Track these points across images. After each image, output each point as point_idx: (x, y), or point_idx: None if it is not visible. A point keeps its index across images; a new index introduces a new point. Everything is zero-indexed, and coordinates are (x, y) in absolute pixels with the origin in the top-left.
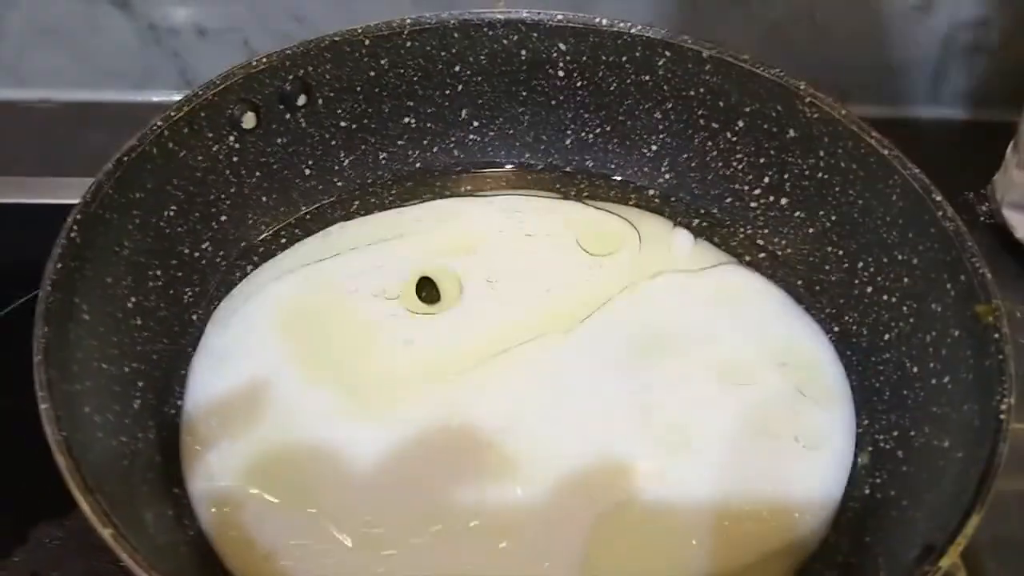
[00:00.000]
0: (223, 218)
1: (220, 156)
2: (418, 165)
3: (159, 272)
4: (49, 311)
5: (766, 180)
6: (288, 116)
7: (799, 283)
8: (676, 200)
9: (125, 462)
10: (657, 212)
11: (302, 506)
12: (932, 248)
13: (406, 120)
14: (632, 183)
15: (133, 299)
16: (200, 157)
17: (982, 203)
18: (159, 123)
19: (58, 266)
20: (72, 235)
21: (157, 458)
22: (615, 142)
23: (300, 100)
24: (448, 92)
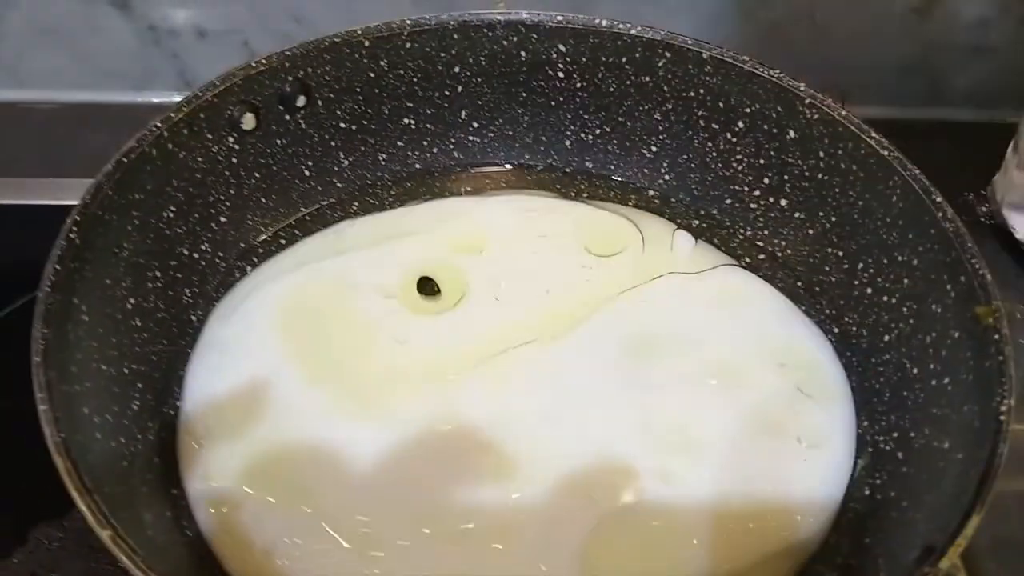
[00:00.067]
0: (222, 219)
1: (219, 157)
2: (418, 166)
3: (158, 273)
4: (48, 312)
5: (766, 181)
6: (288, 117)
7: (799, 284)
8: (676, 201)
9: (124, 463)
10: (657, 213)
11: (301, 507)
12: (932, 249)
13: (406, 121)
14: (632, 184)
15: (132, 300)
16: (199, 158)
17: (982, 204)
18: (158, 124)
19: (57, 267)
20: (71, 236)
21: (156, 459)
22: (615, 143)
23: (300, 101)
24: (448, 93)
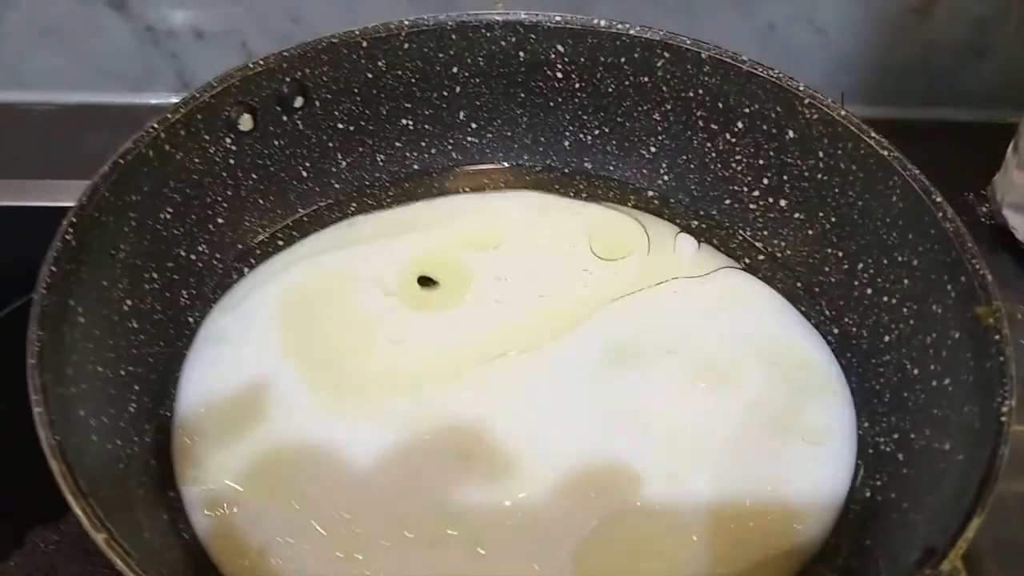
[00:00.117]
0: (220, 221)
1: (217, 159)
2: (416, 167)
3: (155, 275)
4: (44, 314)
5: (765, 181)
6: (285, 118)
7: (798, 285)
8: (675, 202)
9: (120, 466)
10: (656, 214)
11: (298, 509)
12: (932, 249)
13: (404, 122)
14: (631, 185)
15: (129, 302)
16: (197, 160)
17: (982, 204)
18: (155, 126)
19: (53, 269)
20: (67, 238)
21: (152, 462)
22: (613, 143)
23: (297, 102)
24: (446, 94)
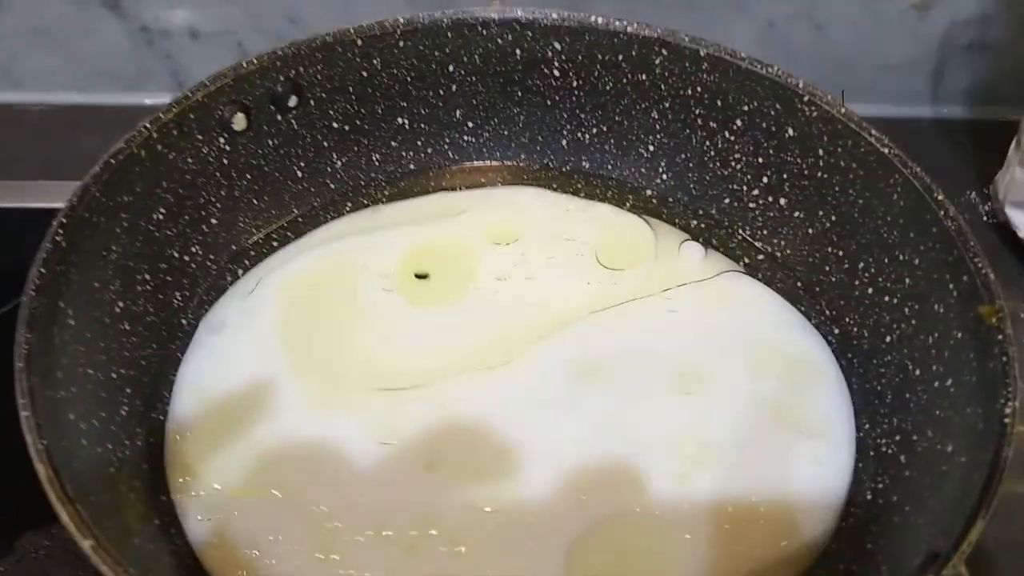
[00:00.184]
0: (213, 221)
1: (210, 158)
2: (412, 166)
3: (148, 276)
4: (33, 316)
5: (765, 180)
6: (279, 118)
7: (799, 285)
8: (674, 201)
9: (111, 470)
10: (655, 214)
11: (292, 513)
12: (934, 248)
13: (400, 121)
14: (629, 184)
15: (121, 304)
16: (190, 159)
17: (985, 202)
18: (147, 126)
19: (42, 271)
20: (57, 239)
21: (144, 465)
22: (612, 142)
23: (291, 101)
24: (442, 92)
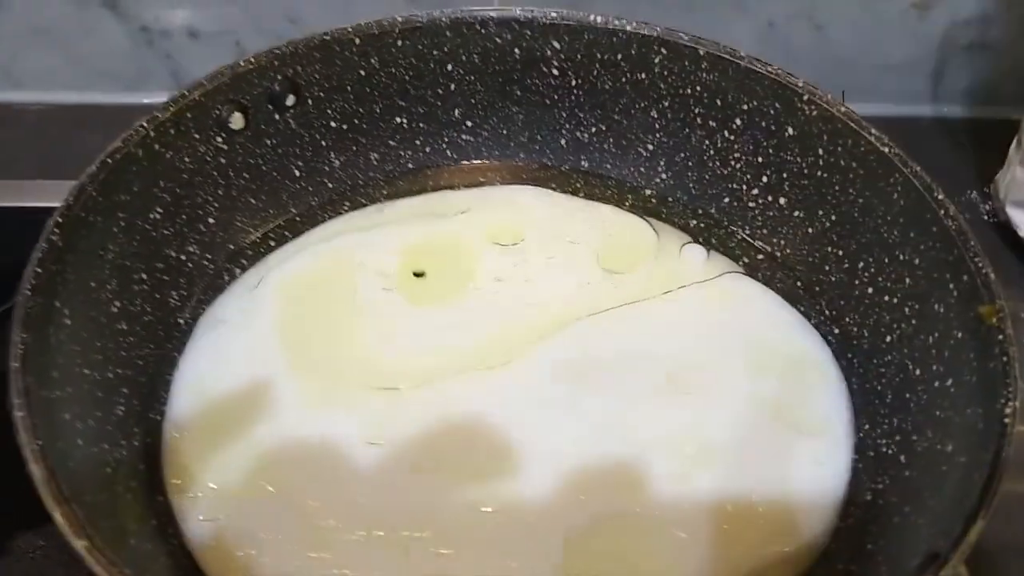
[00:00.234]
0: (211, 221)
1: (207, 158)
2: (411, 166)
3: (145, 276)
4: (29, 316)
5: (764, 179)
6: (277, 117)
7: (798, 284)
8: (673, 201)
9: (107, 470)
10: (654, 213)
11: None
12: (934, 247)
13: (398, 120)
14: (628, 183)
15: (118, 303)
16: (187, 159)
17: (985, 202)
18: (144, 125)
19: (38, 270)
20: (53, 238)
21: (141, 466)
22: (611, 141)
23: (289, 100)
24: (441, 91)
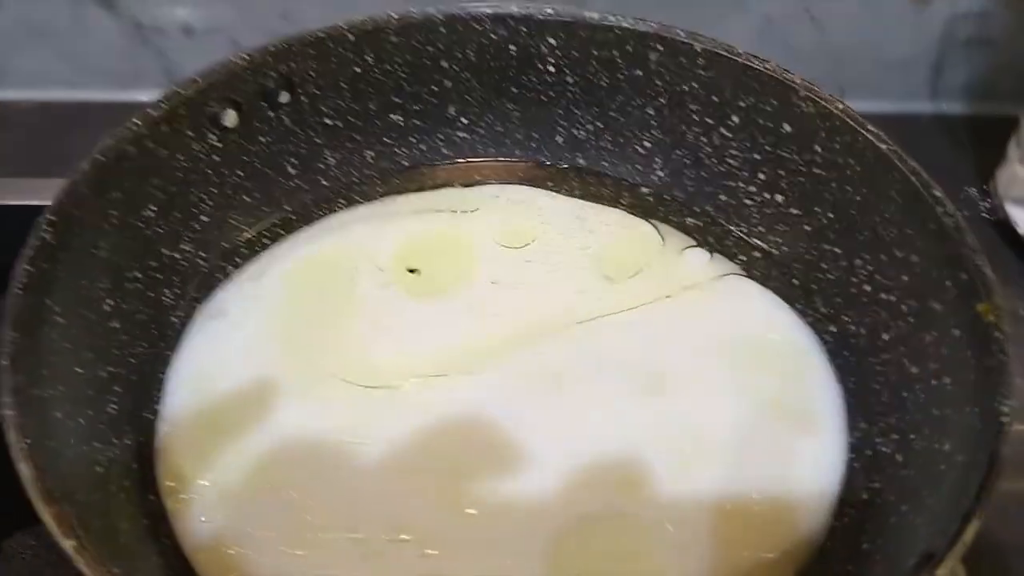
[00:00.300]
0: (204, 219)
1: (201, 155)
2: (406, 163)
3: (138, 274)
4: (18, 314)
5: (761, 176)
6: (271, 114)
7: (795, 282)
8: (669, 198)
9: (99, 469)
10: (651, 212)
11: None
12: (931, 245)
13: (393, 117)
14: (625, 181)
15: (110, 301)
16: (180, 156)
17: (984, 199)
18: (137, 122)
19: (29, 268)
20: (44, 236)
21: (133, 465)
22: (607, 139)
23: (283, 97)
24: (436, 88)
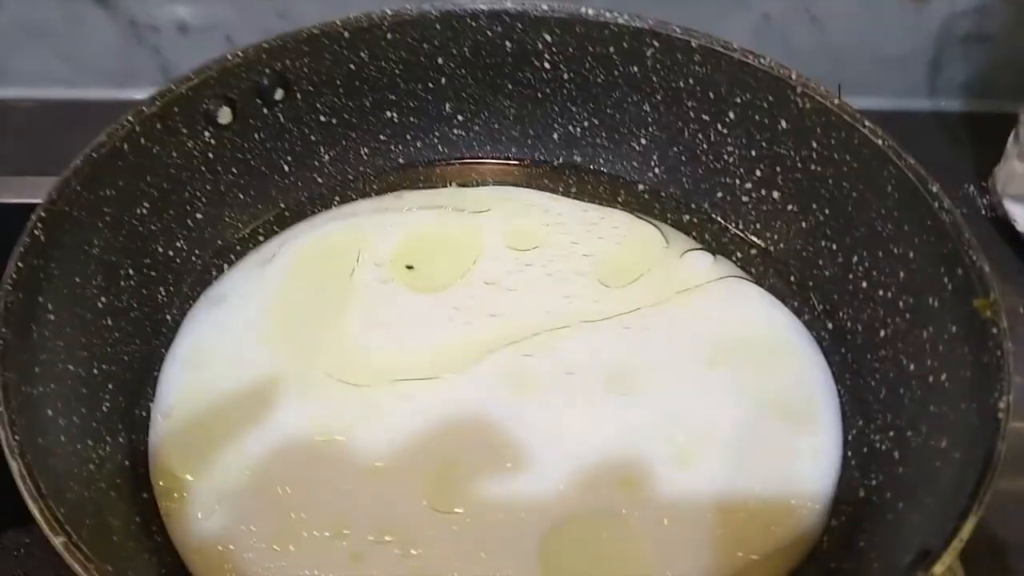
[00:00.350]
0: (199, 216)
1: (195, 152)
2: (401, 160)
3: (131, 272)
4: (9, 312)
5: (758, 173)
6: (266, 111)
7: (792, 279)
8: (666, 196)
9: (91, 467)
10: (647, 209)
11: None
12: (928, 241)
13: (388, 114)
14: (621, 178)
15: (104, 299)
16: (174, 153)
17: (983, 196)
18: (130, 119)
19: (20, 265)
20: (36, 233)
21: (126, 463)
22: (603, 136)
23: (278, 94)
24: (431, 85)
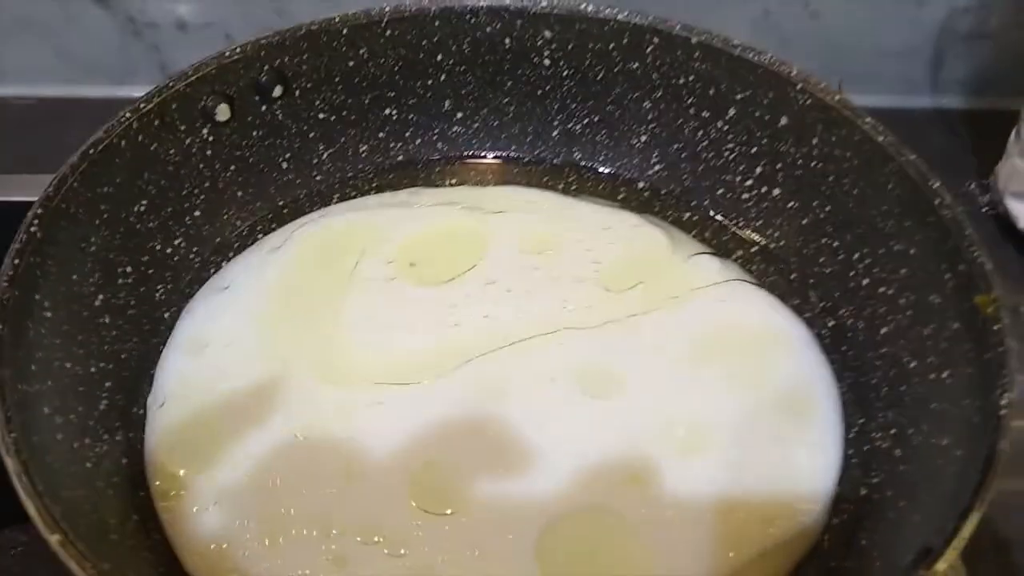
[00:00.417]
0: (196, 213)
1: (193, 149)
2: (400, 158)
3: (129, 269)
4: (5, 308)
5: (758, 170)
6: (264, 108)
7: (792, 277)
8: (666, 193)
9: (88, 465)
10: (647, 206)
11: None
12: (930, 237)
13: (387, 111)
14: (621, 176)
15: (101, 296)
16: (172, 150)
17: (984, 193)
18: (127, 115)
19: (16, 262)
20: (32, 230)
21: (123, 460)
22: (603, 133)
23: (276, 91)
24: (430, 82)
